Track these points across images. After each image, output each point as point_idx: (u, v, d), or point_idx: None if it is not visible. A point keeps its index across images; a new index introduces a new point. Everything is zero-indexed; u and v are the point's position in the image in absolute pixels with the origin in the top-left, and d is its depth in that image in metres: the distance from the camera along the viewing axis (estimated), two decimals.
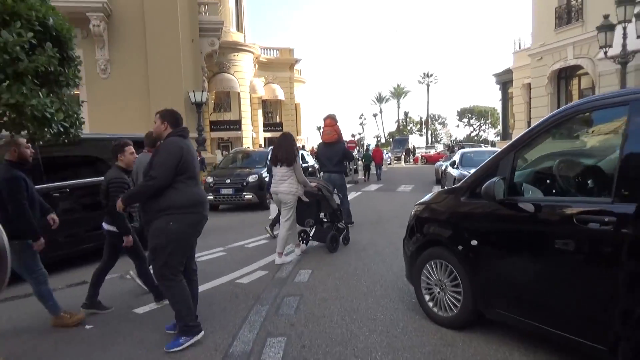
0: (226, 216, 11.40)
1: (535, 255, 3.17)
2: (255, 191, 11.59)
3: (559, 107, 22.30)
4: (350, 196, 14.20)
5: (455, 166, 11.33)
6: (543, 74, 21.93)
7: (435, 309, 4.03)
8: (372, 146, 27.92)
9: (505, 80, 29.12)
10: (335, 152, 8.47)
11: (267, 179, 11.90)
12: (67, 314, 4.28)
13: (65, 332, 4.10)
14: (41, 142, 4.35)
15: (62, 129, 4.04)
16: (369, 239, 7.85)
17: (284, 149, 6.35)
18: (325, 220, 7.32)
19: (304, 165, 16.83)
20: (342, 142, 8.69)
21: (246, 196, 11.56)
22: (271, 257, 6.66)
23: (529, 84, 25.02)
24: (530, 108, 25.51)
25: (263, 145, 31.25)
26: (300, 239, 7.05)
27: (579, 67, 20.12)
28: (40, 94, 3.64)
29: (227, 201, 12.00)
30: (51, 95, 3.83)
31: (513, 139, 3.66)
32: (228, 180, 11.83)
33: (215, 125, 29.44)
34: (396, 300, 4.67)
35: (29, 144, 4.17)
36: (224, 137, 30.71)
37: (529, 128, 3.50)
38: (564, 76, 21.81)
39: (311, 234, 7.25)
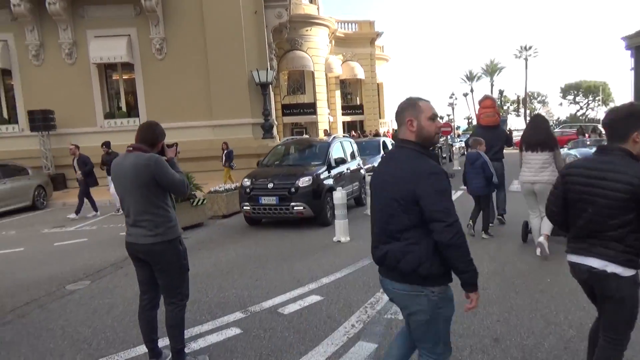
0: (264, 235, 8.12)
1: None
2: (308, 200, 8.18)
3: None
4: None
5: None
6: None
7: None
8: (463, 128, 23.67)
9: (639, 44, 23.35)
10: (497, 136, 8.00)
11: (327, 181, 8.55)
12: None
13: None
14: None
15: None
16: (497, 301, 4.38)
17: (543, 131, 5.87)
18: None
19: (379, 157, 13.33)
20: (502, 126, 8.12)
21: (295, 208, 8.17)
22: (331, 343, 3.51)
23: None
24: None
25: (342, 132, 28.03)
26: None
27: None
28: None
29: (269, 214, 8.50)
30: None
31: None
32: (270, 185, 8.34)
33: (288, 109, 26.81)
34: None
35: None
36: (299, 121, 28.01)
37: None
38: None
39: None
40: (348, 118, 32.66)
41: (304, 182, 8.22)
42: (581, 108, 75.50)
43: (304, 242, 7.33)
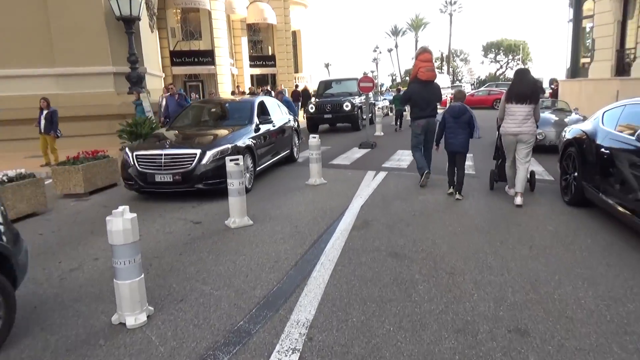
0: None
1: None
2: None
3: None
4: (367, 188, 6.93)
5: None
6: None
7: None
8: (386, 86, 20.46)
9: None
10: (436, 91, 7.69)
11: None
12: None
13: None
14: None
15: None
16: None
17: (530, 84, 6.15)
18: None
19: (264, 127, 8.65)
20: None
21: None
22: None
23: None
24: (624, 29, 17.66)
25: (250, 89, 23.59)
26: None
27: None
28: None
29: None
30: None
31: None
32: None
33: (179, 58, 21.83)
34: None
35: None
36: (194, 72, 23.17)
37: None
38: None
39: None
40: (257, 70, 28.17)
41: None
42: (501, 67, 75.64)
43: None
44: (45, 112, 10.46)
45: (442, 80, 41.97)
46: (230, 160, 5.54)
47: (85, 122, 13.18)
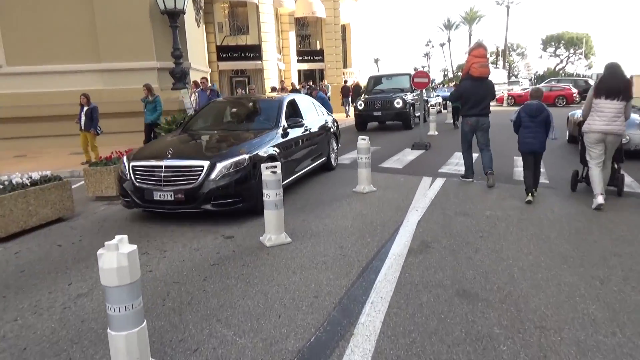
0: None
1: None
2: None
3: None
4: (423, 199, 5.95)
5: None
6: None
7: None
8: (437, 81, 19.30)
9: None
10: (489, 89, 7.33)
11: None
12: None
13: None
14: None
15: None
16: None
17: (623, 79, 5.75)
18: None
19: (294, 131, 7.23)
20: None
21: None
22: None
23: None
24: None
25: (292, 84, 22.89)
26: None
27: None
28: None
29: None
30: None
31: None
32: None
33: (226, 53, 21.43)
34: None
35: None
36: (241, 68, 22.74)
37: None
38: None
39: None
40: (305, 65, 27.45)
41: None
42: (561, 61, 71.57)
43: None
44: (85, 108, 10.18)
45: (498, 75, 39.81)
46: (267, 168, 4.79)
47: (129, 118, 12.90)
